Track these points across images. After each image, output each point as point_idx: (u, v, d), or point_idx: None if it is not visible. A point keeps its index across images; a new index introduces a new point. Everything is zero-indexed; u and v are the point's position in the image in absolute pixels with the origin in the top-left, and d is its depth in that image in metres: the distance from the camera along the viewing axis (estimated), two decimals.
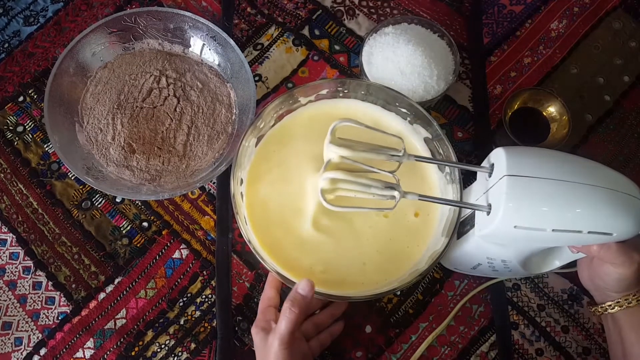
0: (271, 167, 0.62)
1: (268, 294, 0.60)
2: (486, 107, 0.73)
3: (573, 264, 0.58)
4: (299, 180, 0.61)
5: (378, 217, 0.60)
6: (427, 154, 0.63)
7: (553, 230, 0.46)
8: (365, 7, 0.78)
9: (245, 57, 0.74)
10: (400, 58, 0.66)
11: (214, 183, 0.70)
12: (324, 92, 0.63)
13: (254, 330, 0.57)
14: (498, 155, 0.49)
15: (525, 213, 0.46)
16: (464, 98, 0.73)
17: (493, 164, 0.50)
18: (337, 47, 0.76)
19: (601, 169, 0.48)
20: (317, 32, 0.76)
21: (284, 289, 0.62)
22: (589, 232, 0.46)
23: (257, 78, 0.74)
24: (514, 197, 0.46)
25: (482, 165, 0.52)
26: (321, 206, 0.55)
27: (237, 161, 0.58)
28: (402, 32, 0.68)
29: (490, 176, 0.50)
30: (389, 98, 0.63)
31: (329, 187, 0.53)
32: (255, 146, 0.62)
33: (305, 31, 0.76)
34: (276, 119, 0.63)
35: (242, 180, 0.60)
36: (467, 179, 0.56)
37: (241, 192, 0.60)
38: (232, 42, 0.68)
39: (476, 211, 0.52)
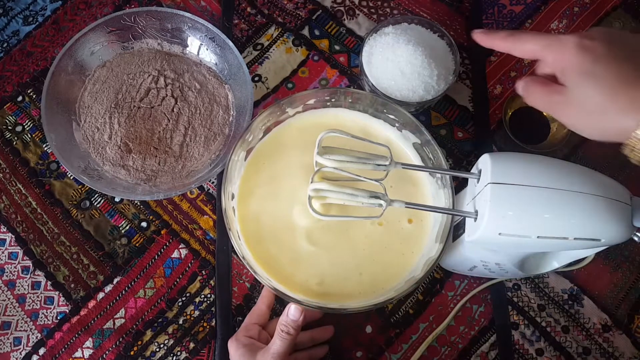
0: (262, 181, 0.62)
1: (260, 309, 0.61)
2: (486, 107, 0.73)
3: (571, 264, 0.57)
4: (291, 193, 0.61)
5: (373, 226, 0.60)
6: (417, 160, 0.63)
7: (538, 237, 0.46)
8: (365, 7, 0.78)
9: (245, 57, 0.74)
10: (400, 58, 0.65)
11: (213, 183, 0.70)
12: (312, 102, 0.63)
13: (233, 344, 0.57)
14: (485, 162, 0.49)
15: (509, 221, 0.46)
16: (464, 98, 0.73)
17: (481, 170, 0.50)
18: (337, 47, 0.76)
19: (590, 174, 0.47)
20: (317, 32, 0.76)
21: (275, 308, 0.64)
22: (575, 239, 0.46)
23: (257, 78, 0.74)
24: (497, 205, 0.46)
25: (471, 171, 0.52)
26: (314, 219, 0.55)
27: (227, 176, 0.57)
28: (402, 32, 0.68)
29: (478, 182, 0.50)
30: (376, 105, 0.63)
31: (316, 196, 0.53)
32: (245, 160, 0.62)
33: (305, 31, 0.76)
34: (264, 131, 0.63)
35: (233, 195, 0.60)
36: (466, 181, 0.56)
37: (233, 207, 0.60)
38: (230, 43, 0.68)
39: (465, 217, 0.52)
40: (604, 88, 0.41)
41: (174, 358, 0.63)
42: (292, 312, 0.53)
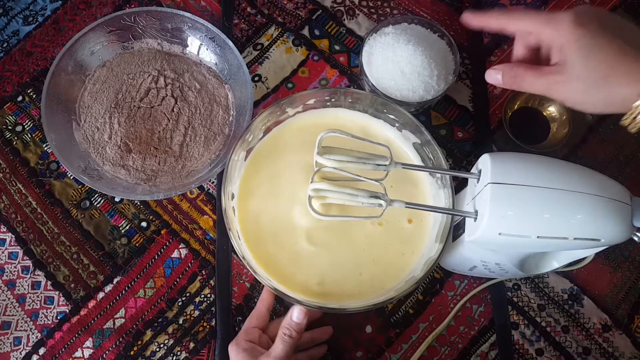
0: (262, 180, 0.62)
1: (259, 312, 0.61)
2: (486, 107, 0.73)
3: (571, 263, 0.57)
4: (291, 193, 0.61)
5: (373, 226, 0.60)
6: (417, 160, 0.63)
7: (538, 237, 0.46)
8: (365, 7, 0.78)
9: (245, 57, 0.74)
10: (400, 58, 0.65)
11: (213, 183, 0.70)
12: (312, 102, 0.63)
13: (233, 348, 0.56)
14: (484, 162, 0.49)
15: (509, 221, 0.46)
16: (464, 98, 0.73)
17: (481, 170, 0.50)
18: (337, 47, 0.76)
19: (590, 174, 0.47)
20: (317, 32, 0.76)
21: (275, 308, 0.64)
22: (575, 239, 0.46)
23: (256, 78, 0.74)
24: (497, 205, 0.46)
25: (471, 171, 0.52)
26: (314, 219, 0.55)
27: (227, 175, 0.57)
28: (402, 32, 0.68)
29: (478, 182, 0.50)
30: (377, 105, 0.63)
31: (316, 196, 0.53)
32: (245, 160, 0.62)
33: (305, 31, 0.76)
34: (264, 131, 0.63)
35: (233, 194, 0.60)
36: (466, 181, 0.56)
37: (233, 207, 0.60)
38: (230, 43, 0.68)
39: (465, 217, 0.52)
40: (605, 61, 0.43)
41: (174, 358, 0.63)
42: (296, 315, 0.53)
